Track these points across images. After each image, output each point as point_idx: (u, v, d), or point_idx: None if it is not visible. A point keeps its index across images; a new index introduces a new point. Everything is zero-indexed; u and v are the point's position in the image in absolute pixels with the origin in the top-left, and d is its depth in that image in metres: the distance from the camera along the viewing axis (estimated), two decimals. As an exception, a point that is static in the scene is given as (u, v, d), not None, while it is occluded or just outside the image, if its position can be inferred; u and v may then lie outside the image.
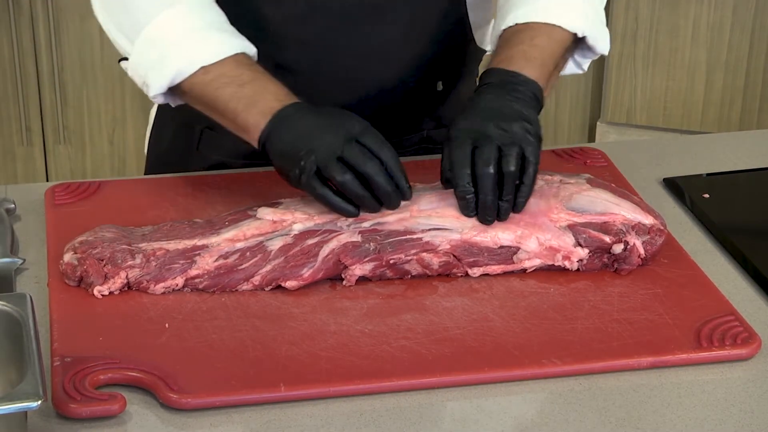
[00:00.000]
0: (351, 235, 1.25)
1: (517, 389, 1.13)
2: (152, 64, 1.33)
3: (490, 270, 1.27)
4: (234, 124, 1.31)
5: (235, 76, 1.31)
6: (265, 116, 1.28)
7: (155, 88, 1.34)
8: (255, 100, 1.29)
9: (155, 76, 1.33)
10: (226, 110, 1.31)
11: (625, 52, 3.02)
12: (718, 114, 3.04)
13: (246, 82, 1.31)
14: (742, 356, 1.18)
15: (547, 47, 1.36)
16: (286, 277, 1.24)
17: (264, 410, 1.10)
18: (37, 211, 1.40)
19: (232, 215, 1.30)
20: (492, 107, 1.29)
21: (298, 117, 1.27)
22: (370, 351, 1.16)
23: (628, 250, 1.28)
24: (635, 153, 1.60)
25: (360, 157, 1.23)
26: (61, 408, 1.08)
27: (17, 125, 2.98)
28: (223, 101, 1.31)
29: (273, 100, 1.29)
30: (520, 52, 1.35)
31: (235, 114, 1.30)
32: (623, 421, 1.09)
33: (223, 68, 1.32)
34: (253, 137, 1.29)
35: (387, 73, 1.48)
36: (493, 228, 1.27)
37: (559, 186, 1.31)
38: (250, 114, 1.29)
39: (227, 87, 1.31)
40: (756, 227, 1.46)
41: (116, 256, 1.24)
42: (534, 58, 1.34)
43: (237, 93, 1.30)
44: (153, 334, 1.17)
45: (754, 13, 2.94)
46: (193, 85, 1.33)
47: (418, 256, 1.26)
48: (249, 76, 1.31)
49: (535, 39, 1.36)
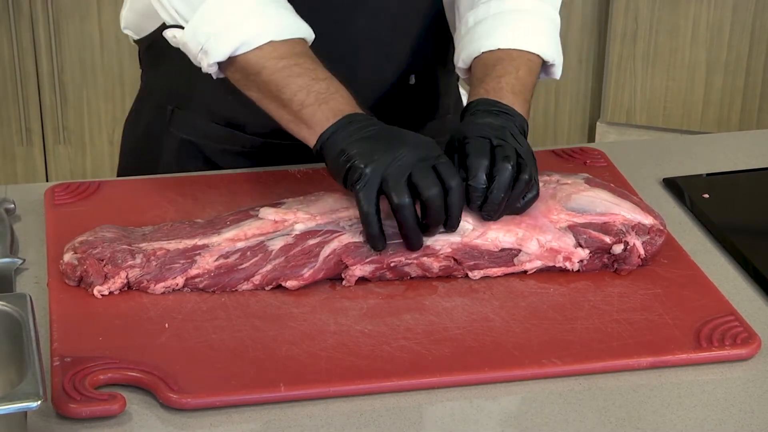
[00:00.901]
0: (353, 235, 1.25)
1: (516, 389, 1.13)
2: (218, 31, 1.31)
3: (491, 272, 1.27)
4: (295, 116, 1.29)
5: (310, 69, 1.30)
6: (336, 115, 1.26)
7: (216, 55, 1.31)
8: (327, 98, 1.27)
9: (218, 43, 1.30)
10: (292, 100, 1.28)
11: (624, 52, 3.02)
12: (718, 114, 3.04)
13: (321, 78, 1.29)
14: (741, 356, 1.18)
15: (528, 80, 1.38)
16: (286, 276, 1.24)
17: (264, 410, 1.10)
18: (37, 211, 1.40)
19: (233, 215, 1.30)
20: (495, 125, 1.30)
21: (370, 125, 1.25)
22: (370, 351, 1.16)
23: (628, 250, 1.28)
24: (635, 153, 1.60)
25: (428, 180, 1.21)
26: (61, 408, 1.08)
27: (17, 125, 2.98)
28: (293, 90, 1.28)
29: (345, 103, 1.28)
30: (508, 86, 1.36)
31: (302, 105, 1.27)
32: (623, 421, 1.09)
33: (296, 57, 1.30)
34: (315, 132, 1.26)
35: (365, 64, 1.47)
36: (494, 230, 1.26)
37: (557, 186, 1.31)
38: (320, 109, 1.27)
39: (301, 77, 1.29)
40: (756, 227, 1.46)
41: (116, 256, 1.24)
42: (520, 93, 1.36)
43: (310, 86, 1.28)
44: (153, 334, 1.17)
45: (754, 13, 2.94)
46: (264, 68, 1.30)
47: (418, 260, 1.26)
48: (324, 74, 1.30)
49: (519, 71, 1.37)
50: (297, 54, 1.31)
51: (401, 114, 1.52)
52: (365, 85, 1.47)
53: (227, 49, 1.30)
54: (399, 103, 1.54)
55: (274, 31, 1.30)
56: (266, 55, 1.30)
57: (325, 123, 1.26)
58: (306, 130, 1.28)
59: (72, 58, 2.94)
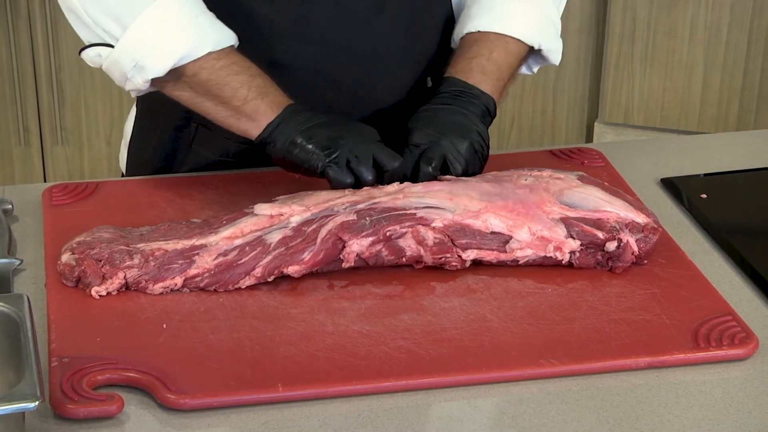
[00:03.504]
0: (347, 215, 1.26)
1: (514, 389, 1.13)
2: (154, 46, 1.33)
3: (484, 255, 1.27)
4: (236, 111, 1.34)
5: (247, 67, 1.35)
6: (279, 106, 1.33)
7: (154, 71, 1.34)
8: (266, 91, 1.35)
9: (157, 58, 1.33)
10: (234, 96, 1.34)
11: (622, 52, 3.02)
12: (716, 114, 3.04)
13: (257, 74, 1.36)
14: (739, 356, 1.18)
15: (503, 61, 1.45)
16: (287, 263, 1.24)
17: (262, 411, 1.10)
18: (35, 212, 1.40)
19: (229, 215, 1.30)
20: (447, 121, 1.38)
21: (314, 114, 1.34)
22: (367, 351, 1.16)
23: (621, 247, 1.28)
24: (633, 153, 1.60)
25: (389, 157, 1.32)
26: (59, 409, 1.08)
27: (15, 126, 2.98)
28: (233, 87, 1.34)
29: (282, 95, 1.35)
30: (477, 66, 1.43)
31: (245, 100, 1.34)
32: (621, 421, 1.10)
33: (233, 56, 1.36)
34: (259, 124, 1.34)
35: (384, 69, 1.48)
36: (484, 212, 1.27)
37: (549, 180, 1.32)
38: (263, 102, 1.34)
39: (240, 74, 1.34)
40: (753, 227, 1.46)
41: (114, 257, 1.24)
42: (491, 72, 1.43)
43: (250, 81, 1.34)
44: (151, 334, 1.17)
45: (752, 14, 2.94)
46: (201, 69, 1.34)
47: (413, 229, 1.26)
48: (258, 70, 1.37)
49: (493, 53, 1.44)
50: (231, 55, 1.36)
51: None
52: (384, 90, 1.49)
53: (167, 64, 1.34)
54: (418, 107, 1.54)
55: (212, 42, 1.35)
56: (202, 60, 1.35)
57: (270, 114, 1.33)
58: (248, 122, 1.34)
59: (69, 58, 2.94)
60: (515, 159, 1.53)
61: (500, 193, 1.30)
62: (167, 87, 1.37)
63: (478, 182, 1.32)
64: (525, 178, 1.32)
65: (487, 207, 1.28)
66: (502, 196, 1.29)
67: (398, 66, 1.49)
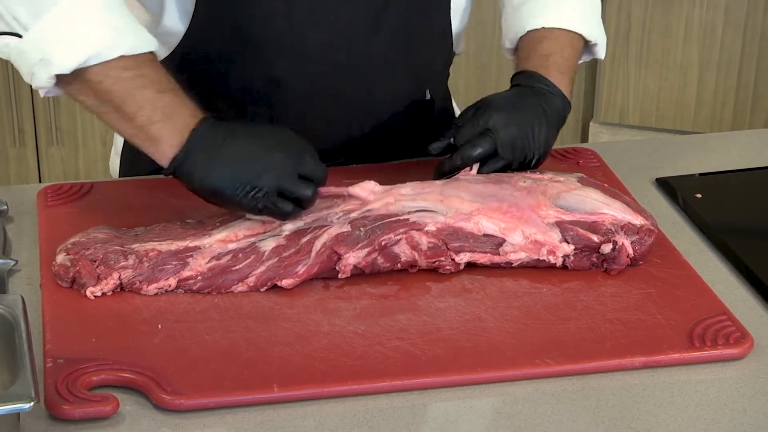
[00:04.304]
0: (341, 226, 1.25)
1: (510, 389, 1.13)
2: (65, 41, 1.23)
3: (477, 258, 1.27)
4: (141, 131, 1.25)
5: (156, 80, 1.26)
6: (183, 132, 1.24)
7: (60, 67, 1.23)
8: (172, 111, 1.25)
9: (64, 53, 1.23)
10: (137, 114, 1.25)
11: (617, 52, 3.02)
12: (711, 114, 3.04)
13: (166, 90, 1.26)
14: (734, 356, 1.18)
15: (572, 60, 1.45)
16: (281, 276, 1.24)
17: (257, 411, 1.10)
18: (30, 213, 1.40)
19: (223, 216, 1.30)
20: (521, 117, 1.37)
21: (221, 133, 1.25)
22: (363, 352, 1.16)
23: (616, 249, 1.28)
24: (628, 153, 1.60)
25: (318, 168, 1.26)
26: (54, 409, 1.08)
27: (10, 127, 2.98)
28: (138, 104, 1.24)
29: (188, 114, 1.26)
30: (554, 64, 1.42)
31: (149, 121, 1.25)
32: (616, 421, 1.10)
33: (144, 68, 1.26)
34: (164, 153, 1.25)
35: (383, 84, 1.48)
36: (476, 214, 1.27)
37: (548, 183, 1.32)
38: (165, 125, 1.24)
39: (146, 89, 1.25)
40: (748, 227, 1.46)
41: (109, 257, 1.24)
42: (565, 72, 1.42)
43: (155, 99, 1.25)
44: (146, 335, 1.17)
45: (746, 14, 2.94)
46: (106, 77, 1.24)
47: (407, 235, 1.26)
48: (168, 84, 1.27)
49: (564, 50, 1.44)
50: (143, 66, 1.26)
51: (420, 128, 1.53)
52: (383, 104, 1.49)
53: (74, 62, 1.23)
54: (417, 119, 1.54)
55: (128, 45, 1.25)
56: (111, 66, 1.25)
57: (174, 142, 1.24)
58: (152, 147, 1.26)
59: (65, 59, 2.93)
60: (510, 159, 1.52)
61: (495, 195, 1.30)
62: (73, 90, 1.27)
63: (470, 183, 1.31)
64: (524, 180, 1.32)
65: (480, 209, 1.28)
66: (497, 198, 1.29)
67: (397, 80, 1.49)
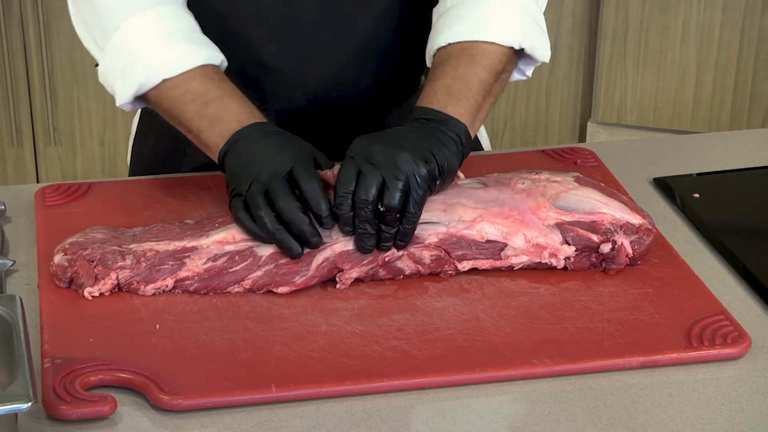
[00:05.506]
0: (345, 244, 1.25)
1: (507, 389, 1.13)
2: (118, 74, 1.35)
3: (479, 264, 1.27)
4: (198, 141, 1.34)
5: (199, 93, 1.32)
6: (224, 138, 1.29)
7: (121, 98, 1.36)
8: (217, 119, 1.31)
9: (121, 85, 1.35)
10: (190, 127, 1.33)
11: (615, 52, 3.02)
12: (708, 114, 3.04)
13: (211, 100, 1.32)
14: (732, 355, 1.18)
15: (472, 76, 1.31)
16: (277, 283, 1.24)
17: (255, 411, 1.10)
18: (28, 213, 1.40)
19: (222, 217, 1.30)
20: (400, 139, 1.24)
21: (248, 143, 1.28)
22: (361, 351, 1.16)
23: (615, 249, 1.28)
24: (626, 153, 1.60)
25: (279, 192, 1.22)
26: (52, 410, 1.08)
27: (7, 127, 2.98)
28: (188, 119, 1.33)
29: (233, 120, 1.30)
30: (443, 87, 1.30)
31: (199, 132, 1.32)
32: (614, 421, 1.10)
33: (188, 84, 1.33)
34: (215, 157, 1.31)
35: (373, 68, 1.48)
36: (479, 221, 1.27)
37: (546, 184, 1.32)
38: (212, 134, 1.31)
39: (191, 104, 1.32)
40: (746, 226, 1.46)
41: (106, 257, 1.24)
42: (458, 92, 1.29)
43: (201, 111, 1.32)
44: (144, 335, 1.17)
45: (744, 13, 2.94)
46: (161, 99, 1.35)
47: (408, 251, 1.26)
48: (214, 93, 1.32)
49: (458, 69, 1.31)
50: (185, 83, 1.33)
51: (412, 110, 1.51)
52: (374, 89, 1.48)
53: (129, 92, 1.35)
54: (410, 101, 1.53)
55: (167, 70, 1.33)
56: (160, 88, 1.34)
57: (218, 147, 1.29)
58: (209, 153, 1.33)
59: (62, 59, 2.93)
60: (508, 159, 1.53)
61: (496, 199, 1.29)
62: (153, 107, 1.39)
63: (475, 188, 1.31)
64: (522, 182, 1.32)
65: (483, 215, 1.27)
66: (497, 202, 1.29)
67: (388, 64, 1.49)
